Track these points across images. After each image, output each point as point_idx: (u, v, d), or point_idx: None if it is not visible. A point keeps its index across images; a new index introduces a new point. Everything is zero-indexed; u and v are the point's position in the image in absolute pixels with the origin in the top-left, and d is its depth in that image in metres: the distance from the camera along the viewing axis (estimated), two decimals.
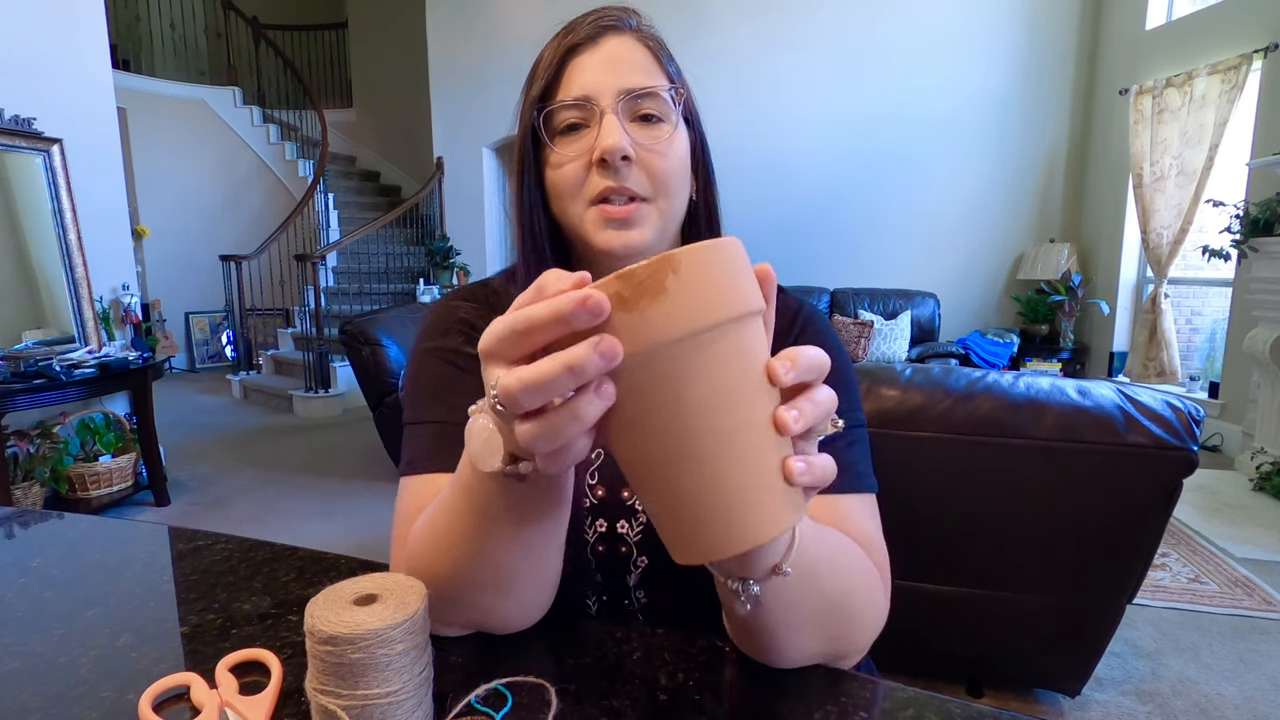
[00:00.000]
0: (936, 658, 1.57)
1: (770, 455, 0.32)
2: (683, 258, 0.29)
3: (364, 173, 7.15)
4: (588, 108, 0.56)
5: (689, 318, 0.29)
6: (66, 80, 2.94)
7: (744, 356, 0.32)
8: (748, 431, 0.32)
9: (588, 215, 0.58)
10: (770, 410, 0.32)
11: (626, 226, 0.58)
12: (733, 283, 0.31)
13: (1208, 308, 4.61)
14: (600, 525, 0.61)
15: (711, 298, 0.30)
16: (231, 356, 6.05)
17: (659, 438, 0.31)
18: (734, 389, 0.31)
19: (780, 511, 0.32)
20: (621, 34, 0.59)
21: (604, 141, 0.55)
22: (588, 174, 0.57)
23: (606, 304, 0.29)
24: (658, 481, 0.33)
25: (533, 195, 0.60)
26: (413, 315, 3.32)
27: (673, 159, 0.58)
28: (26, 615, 0.59)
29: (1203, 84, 3.94)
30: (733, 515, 0.32)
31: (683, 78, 0.62)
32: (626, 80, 0.57)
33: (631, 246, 0.58)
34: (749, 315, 0.32)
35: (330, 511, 2.98)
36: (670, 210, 0.60)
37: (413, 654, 0.40)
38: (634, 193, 0.57)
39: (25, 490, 2.60)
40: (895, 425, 1.30)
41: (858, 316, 4.89)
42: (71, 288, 2.92)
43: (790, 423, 0.32)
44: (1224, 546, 2.51)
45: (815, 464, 0.33)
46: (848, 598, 0.49)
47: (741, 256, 0.32)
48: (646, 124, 0.58)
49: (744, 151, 5.25)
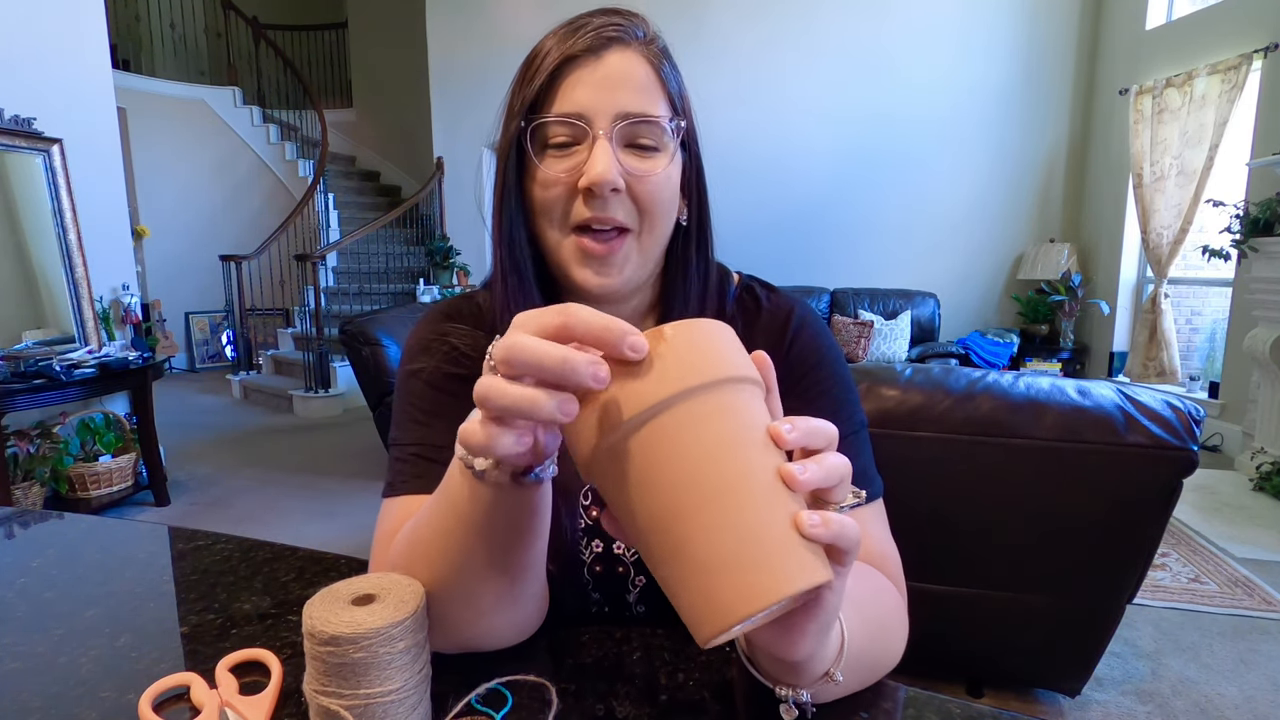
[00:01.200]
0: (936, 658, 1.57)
1: (781, 510, 0.32)
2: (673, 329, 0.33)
3: (364, 173, 7.14)
4: (580, 127, 0.53)
5: (682, 377, 0.32)
6: (66, 80, 2.94)
7: (741, 413, 0.32)
8: (753, 483, 0.31)
9: (566, 244, 0.56)
10: (776, 466, 0.32)
11: (605, 268, 0.56)
12: (724, 351, 0.33)
13: (1208, 308, 4.61)
14: (596, 545, 0.61)
15: (704, 360, 0.32)
16: (231, 356, 6.05)
17: (665, 496, 0.31)
18: (734, 442, 0.32)
19: (800, 568, 0.31)
20: (626, 48, 0.55)
21: (593, 170, 0.52)
22: (572, 198, 0.55)
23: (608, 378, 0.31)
24: (671, 548, 0.32)
25: (514, 208, 0.57)
26: (412, 315, 3.31)
27: (663, 189, 0.56)
28: (26, 615, 0.59)
29: (1203, 84, 3.94)
30: (746, 570, 0.30)
31: (685, 94, 0.59)
32: (625, 103, 0.53)
33: (608, 289, 0.56)
34: (743, 380, 0.33)
35: (330, 511, 2.98)
36: (653, 240, 0.57)
37: (413, 652, 0.40)
38: (618, 223, 0.55)
39: (25, 490, 2.60)
40: (895, 425, 1.30)
41: (858, 316, 4.89)
42: (71, 288, 2.92)
43: (797, 475, 0.31)
44: (1224, 546, 2.51)
45: (832, 520, 0.32)
46: (883, 657, 0.49)
47: (730, 334, 0.35)
48: (640, 152, 0.55)
49: (744, 151, 5.25)
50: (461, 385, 0.59)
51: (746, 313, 0.64)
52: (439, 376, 0.60)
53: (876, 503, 0.59)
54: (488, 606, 0.47)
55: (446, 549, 0.44)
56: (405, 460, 0.57)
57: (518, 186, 0.57)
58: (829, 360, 0.62)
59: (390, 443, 0.61)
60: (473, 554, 0.43)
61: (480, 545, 0.43)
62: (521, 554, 0.45)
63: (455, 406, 0.57)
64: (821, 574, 0.31)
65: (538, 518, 0.44)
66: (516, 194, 0.57)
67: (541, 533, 0.45)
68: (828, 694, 0.44)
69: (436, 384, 0.60)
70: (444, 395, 0.59)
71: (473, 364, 0.60)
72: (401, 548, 0.48)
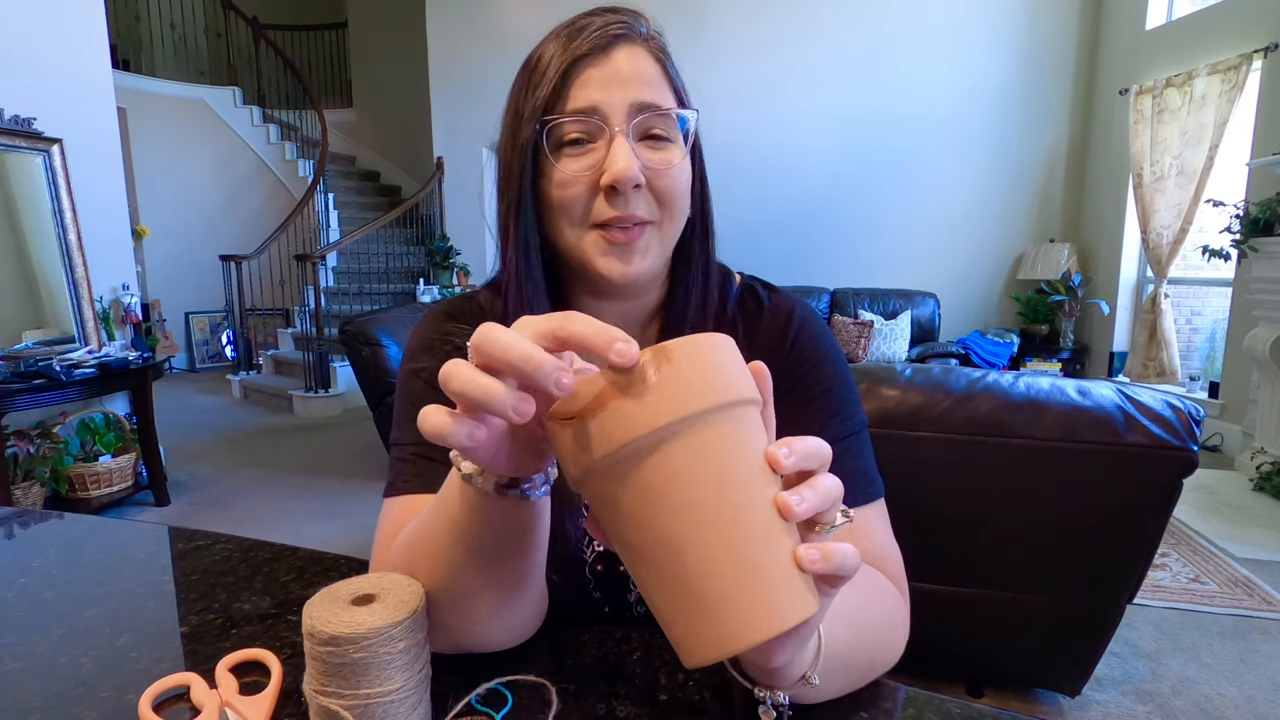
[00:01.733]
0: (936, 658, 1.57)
1: (777, 543, 0.31)
2: (676, 347, 0.31)
3: (364, 173, 7.14)
4: (595, 123, 0.53)
5: (687, 401, 0.30)
6: (66, 80, 2.94)
7: (741, 442, 0.32)
8: (750, 515, 0.31)
9: (588, 238, 0.56)
10: (773, 497, 0.32)
11: (628, 255, 0.55)
12: (727, 371, 0.32)
13: (1208, 308, 4.61)
14: (598, 545, 0.60)
15: (710, 382, 0.31)
16: (231, 356, 6.05)
17: (659, 526, 0.31)
18: (733, 472, 0.31)
19: (793, 602, 0.31)
20: (632, 44, 0.55)
21: (615, 167, 0.52)
22: (592, 196, 0.54)
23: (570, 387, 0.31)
24: (663, 574, 0.31)
25: (530, 213, 0.56)
26: (413, 315, 3.31)
27: (681, 182, 0.56)
28: (26, 615, 0.59)
29: (1203, 84, 3.94)
30: (740, 605, 0.30)
31: (685, 90, 0.59)
32: (638, 94, 0.53)
33: (631, 276, 0.56)
34: (744, 403, 0.32)
35: (330, 511, 2.98)
36: (673, 230, 0.58)
37: (413, 651, 0.40)
38: (640, 218, 0.55)
39: (25, 490, 2.60)
40: (895, 425, 1.30)
41: (858, 316, 4.89)
42: (71, 288, 2.92)
43: (793, 506, 0.31)
44: (1224, 546, 2.51)
45: (831, 552, 0.32)
46: (877, 657, 0.49)
47: (733, 350, 0.33)
48: (655, 143, 0.55)
49: (744, 150, 5.25)
50: None
51: (748, 313, 0.64)
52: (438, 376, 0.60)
53: (878, 503, 0.59)
54: (481, 615, 0.47)
55: (441, 555, 0.44)
56: (406, 460, 0.57)
57: (534, 189, 0.56)
58: (830, 361, 0.62)
59: (391, 442, 0.61)
60: (464, 563, 0.43)
61: (470, 555, 0.43)
62: (514, 567, 0.45)
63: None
64: (811, 607, 0.31)
65: (531, 535, 0.43)
66: (532, 197, 0.56)
67: (536, 548, 0.45)
68: (808, 696, 0.44)
69: (435, 384, 0.60)
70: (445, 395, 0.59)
71: None
72: (402, 549, 0.48)
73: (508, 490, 0.39)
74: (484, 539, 0.42)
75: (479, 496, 0.39)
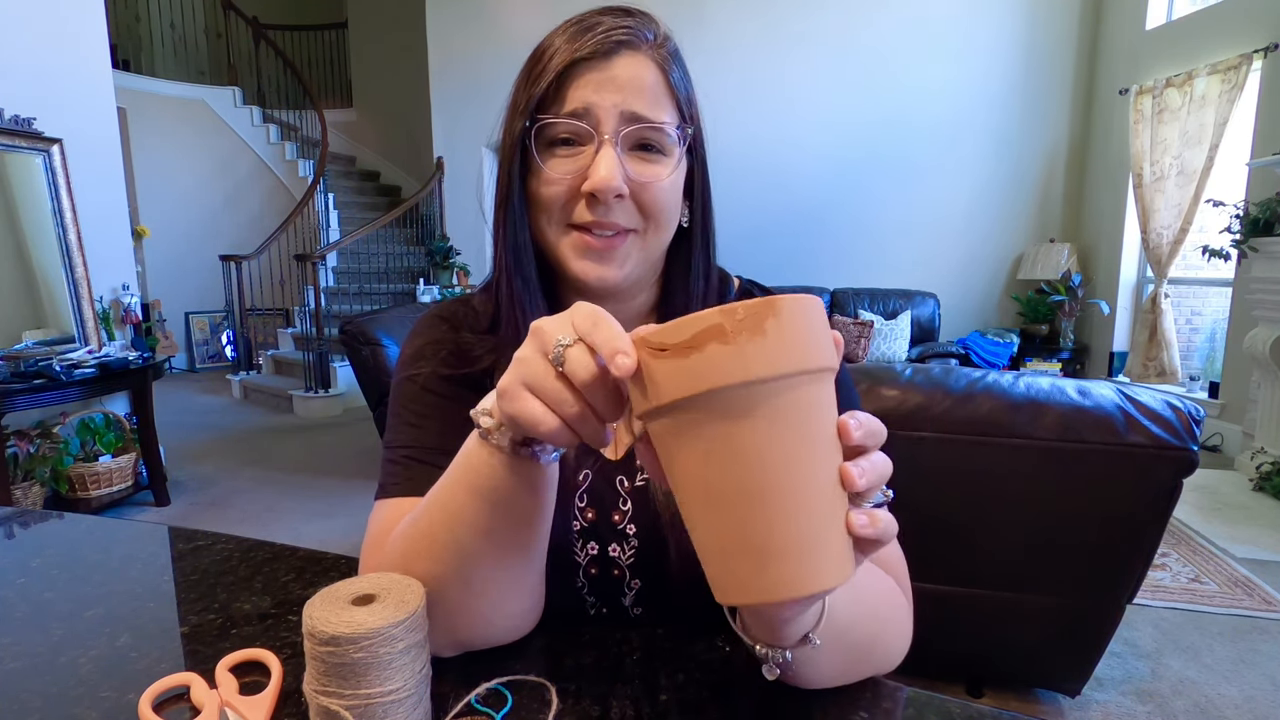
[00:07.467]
0: (936, 658, 1.57)
1: (836, 508, 0.33)
2: (784, 304, 0.31)
3: (364, 173, 7.14)
4: (585, 127, 0.53)
5: (786, 359, 0.31)
6: (66, 80, 2.93)
7: (823, 408, 0.33)
8: (820, 480, 0.32)
9: (566, 239, 0.56)
10: (836, 465, 0.33)
11: (604, 260, 0.55)
12: (822, 335, 0.33)
13: (1208, 308, 4.61)
14: (592, 548, 0.60)
15: (808, 344, 0.32)
16: (231, 356, 6.05)
17: (736, 473, 0.31)
18: (814, 437, 0.32)
19: (838, 566, 0.33)
20: (635, 52, 0.54)
21: (597, 176, 0.52)
22: (574, 198, 0.54)
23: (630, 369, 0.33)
24: (723, 518, 0.32)
25: (517, 207, 0.56)
26: (412, 315, 3.31)
27: (667, 195, 0.56)
28: (26, 615, 0.59)
29: (1203, 84, 3.94)
30: (795, 560, 0.32)
31: (693, 98, 0.58)
32: (632, 104, 0.53)
33: (606, 281, 0.56)
34: (832, 370, 0.33)
35: (330, 511, 2.98)
36: (657, 240, 0.57)
37: (414, 651, 0.40)
38: (620, 226, 0.55)
39: (25, 490, 2.60)
40: (895, 425, 1.30)
41: (858, 316, 4.89)
42: (71, 288, 2.92)
43: (856, 477, 0.33)
44: (1224, 546, 2.51)
45: (879, 518, 0.33)
46: (876, 641, 0.49)
47: (824, 316, 0.34)
48: (646, 155, 0.54)
49: (745, 151, 5.25)
50: (454, 388, 0.60)
51: None
52: (433, 380, 0.60)
53: None
54: (489, 590, 0.48)
55: (452, 526, 0.45)
56: (397, 462, 0.58)
57: (521, 184, 0.56)
58: None
59: (384, 444, 0.61)
60: (471, 520, 0.45)
61: (478, 512, 0.44)
62: (519, 534, 0.46)
63: (448, 409, 0.58)
64: (851, 571, 0.33)
65: (540, 498, 0.45)
66: (520, 192, 0.56)
67: (545, 517, 0.47)
68: (806, 668, 0.45)
69: (430, 387, 0.60)
70: (437, 398, 0.60)
71: (467, 367, 0.60)
72: (400, 542, 0.48)
73: (521, 449, 0.42)
74: (495, 493, 0.44)
75: (494, 453, 0.42)
